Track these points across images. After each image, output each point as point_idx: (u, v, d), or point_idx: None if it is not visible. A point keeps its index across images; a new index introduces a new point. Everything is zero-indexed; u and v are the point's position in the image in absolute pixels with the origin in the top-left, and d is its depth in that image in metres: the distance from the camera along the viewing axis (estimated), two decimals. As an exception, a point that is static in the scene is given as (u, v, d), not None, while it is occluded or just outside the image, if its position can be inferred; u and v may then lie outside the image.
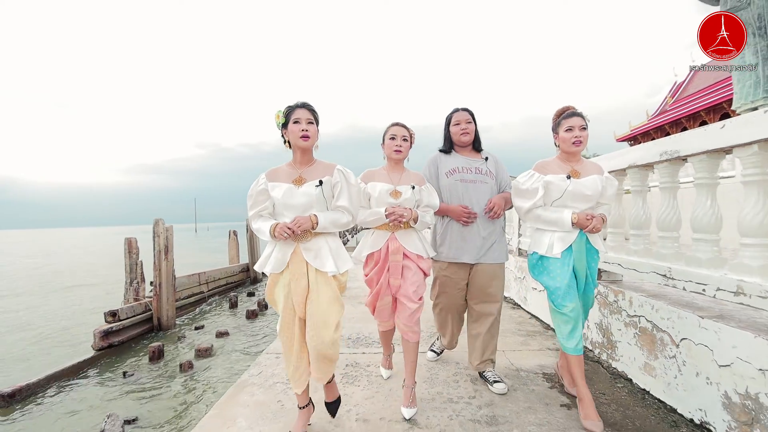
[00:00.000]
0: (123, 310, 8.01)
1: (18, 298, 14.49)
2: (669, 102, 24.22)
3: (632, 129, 26.31)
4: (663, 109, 24.52)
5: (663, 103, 24.99)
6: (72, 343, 8.71)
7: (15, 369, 7.20)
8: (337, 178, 1.95)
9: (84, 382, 6.36)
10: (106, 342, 7.39)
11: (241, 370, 6.51)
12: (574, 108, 2.15)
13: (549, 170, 2.13)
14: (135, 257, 9.02)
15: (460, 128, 2.45)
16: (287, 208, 1.88)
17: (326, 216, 1.89)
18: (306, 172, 1.94)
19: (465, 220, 2.40)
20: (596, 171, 2.15)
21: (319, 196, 1.88)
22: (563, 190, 2.05)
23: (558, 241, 2.08)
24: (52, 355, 7.90)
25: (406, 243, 2.17)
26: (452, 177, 2.44)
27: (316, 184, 1.88)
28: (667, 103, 24.38)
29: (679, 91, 23.79)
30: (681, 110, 21.39)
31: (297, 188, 1.88)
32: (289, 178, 1.92)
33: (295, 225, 1.80)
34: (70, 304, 13.13)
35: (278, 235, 1.80)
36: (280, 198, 1.87)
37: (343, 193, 1.95)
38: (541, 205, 2.12)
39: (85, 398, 5.79)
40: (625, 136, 27.19)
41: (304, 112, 1.89)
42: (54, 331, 9.86)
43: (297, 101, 1.97)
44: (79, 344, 8.52)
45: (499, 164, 2.56)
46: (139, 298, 8.87)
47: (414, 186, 2.19)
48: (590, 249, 2.13)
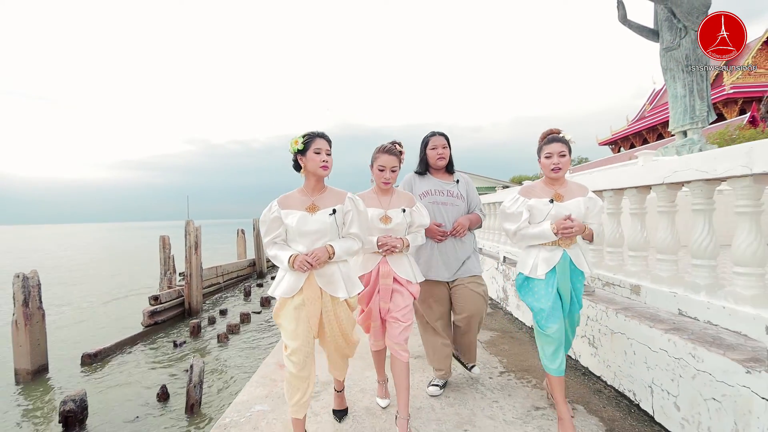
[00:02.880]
0: (163, 296, 9.78)
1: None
2: (647, 108, 26.22)
3: (613, 134, 28.31)
4: (642, 114, 26.53)
5: (642, 109, 26.99)
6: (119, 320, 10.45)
7: (87, 337, 8.93)
8: (349, 207, 2.02)
9: (141, 349, 8.15)
10: (152, 320, 9.17)
11: (267, 343, 8.37)
12: (558, 132, 2.18)
13: (533, 194, 2.18)
14: (168, 252, 10.75)
15: (437, 153, 2.57)
16: (301, 235, 1.94)
17: (341, 246, 1.97)
18: (318, 200, 2.00)
19: (439, 238, 2.51)
20: (580, 193, 2.17)
21: (332, 224, 1.95)
22: (546, 214, 2.12)
23: (542, 263, 2.12)
24: (109, 329, 9.64)
25: (396, 267, 2.21)
26: (425, 199, 2.56)
27: (330, 212, 1.96)
28: (645, 110, 26.39)
29: (657, 98, 25.77)
30: (658, 117, 23.41)
31: (311, 216, 1.94)
32: (302, 205, 1.97)
33: (313, 259, 1.86)
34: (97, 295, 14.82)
35: (297, 268, 1.87)
36: (294, 226, 1.93)
37: (355, 221, 2.02)
38: (525, 226, 2.16)
39: (146, 360, 7.58)
40: (607, 140, 29.19)
41: (324, 143, 1.96)
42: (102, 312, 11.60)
43: (315, 130, 2.02)
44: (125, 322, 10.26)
45: (469, 186, 2.69)
46: (172, 286, 10.62)
47: (404, 209, 2.24)
48: (575, 270, 2.15)
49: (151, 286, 14.80)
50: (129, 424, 5.12)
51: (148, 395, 5.92)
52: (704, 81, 9.66)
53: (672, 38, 9.74)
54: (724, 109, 21.94)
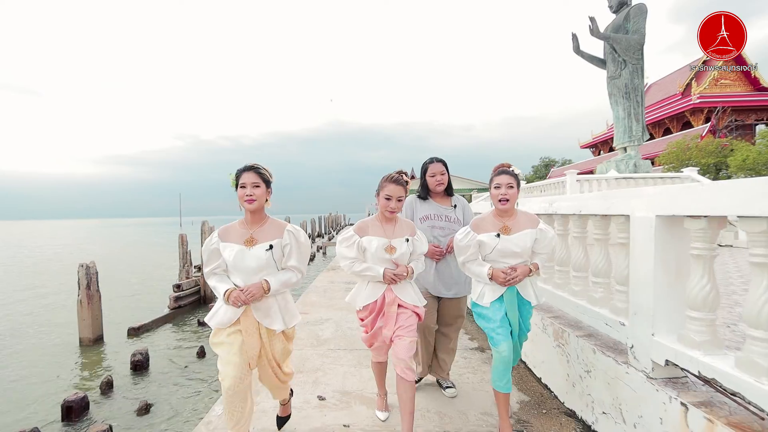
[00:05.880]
0: (183, 284, 11.82)
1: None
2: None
3: (594, 137, 30.58)
4: (619, 120, 28.73)
5: (620, 115, 29.18)
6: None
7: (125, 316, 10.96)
8: (287, 240, 2.07)
9: (171, 327, 10.21)
10: (177, 304, 11.21)
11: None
12: (508, 166, 2.30)
13: (482, 228, 2.28)
14: (186, 248, 12.76)
15: (436, 180, 2.78)
16: (237, 269, 2.00)
17: (277, 279, 2.01)
18: (257, 233, 2.05)
19: (437, 257, 2.74)
20: (530, 224, 2.26)
21: (269, 259, 2.00)
22: (492, 248, 2.22)
23: (489, 292, 2.26)
24: (144, 310, 11.69)
25: (401, 294, 2.28)
26: (425, 222, 2.79)
27: (266, 248, 2.01)
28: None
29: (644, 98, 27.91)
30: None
31: (248, 250, 2.00)
32: (240, 239, 2.03)
33: (248, 296, 1.92)
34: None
35: (232, 303, 1.93)
36: (231, 260, 1.99)
37: (293, 254, 2.08)
38: (472, 260, 2.29)
39: (177, 333, 9.64)
40: (588, 143, 31.45)
41: (250, 176, 2.01)
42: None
43: (245, 164, 2.07)
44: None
45: (465, 209, 2.90)
46: (189, 277, 12.63)
47: (408, 239, 2.30)
48: (522, 301, 2.28)
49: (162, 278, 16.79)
50: (181, 370, 7.20)
51: (189, 354, 7.99)
52: (639, 106, 11.87)
53: (615, 69, 11.95)
54: (692, 117, 24.20)
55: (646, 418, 1.89)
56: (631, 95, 11.69)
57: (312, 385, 3.05)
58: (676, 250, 1.84)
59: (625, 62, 11.47)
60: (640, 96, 11.65)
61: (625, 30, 11.34)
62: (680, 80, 25.84)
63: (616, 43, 11.32)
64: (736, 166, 15.13)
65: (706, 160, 17.09)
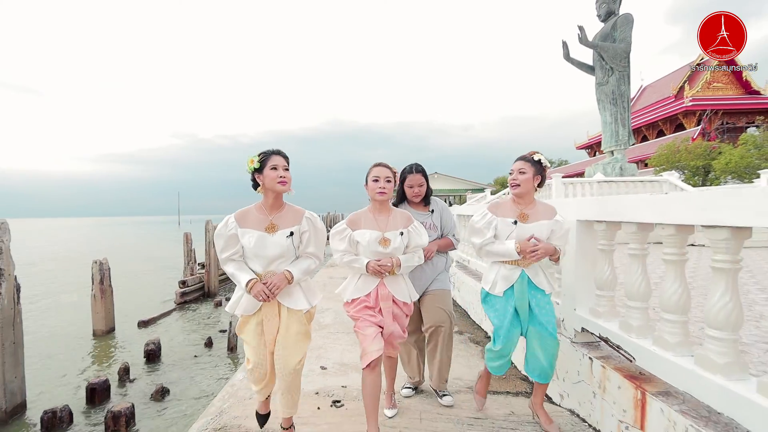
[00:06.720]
0: (188, 281, 12.45)
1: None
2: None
3: (589, 138, 31.18)
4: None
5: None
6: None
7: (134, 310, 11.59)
8: (306, 227, 2.09)
9: (177, 317, 10.85)
10: (182, 299, 11.86)
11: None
12: (532, 153, 2.26)
13: (501, 212, 2.28)
14: (190, 246, 13.40)
15: (413, 191, 2.73)
16: (258, 256, 2.00)
17: (299, 269, 2.04)
18: (277, 218, 2.05)
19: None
20: (547, 215, 2.24)
21: (290, 246, 2.03)
22: (508, 234, 2.22)
23: (501, 280, 2.26)
24: (151, 303, 12.32)
25: (394, 290, 2.25)
26: None
27: (287, 235, 2.02)
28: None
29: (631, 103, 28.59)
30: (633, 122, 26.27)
31: (270, 237, 2.00)
32: (260, 225, 2.02)
33: (273, 289, 1.94)
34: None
35: (255, 296, 1.94)
36: (251, 247, 1.99)
37: (312, 241, 2.10)
38: (491, 242, 2.25)
39: (183, 325, 10.27)
40: (584, 144, 32.09)
41: (281, 159, 2.01)
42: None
43: (272, 148, 2.08)
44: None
45: (443, 213, 2.86)
46: (194, 274, 13.27)
47: (402, 232, 2.24)
48: (536, 289, 2.25)
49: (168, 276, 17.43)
50: (192, 358, 7.85)
51: (197, 343, 8.63)
52: (626, 111, 12.51)
53: (602, 76, 12.58)
54: (684, 119, 24.86)
55: (570, 372, 2.52)
56: (618, 101, 12.31)
57: (315, 359, 3.66)
58: (589, 245, 2.48)
59: (612, 69, 12.09)
60: (626, 102, 12.28)
61: (613, 39, 11.95)
62: (674, 83, 26.49)
63: (603, 51, 11.93)
64: (720, 169, 15.76)
65: (694, 163, 17.73)
